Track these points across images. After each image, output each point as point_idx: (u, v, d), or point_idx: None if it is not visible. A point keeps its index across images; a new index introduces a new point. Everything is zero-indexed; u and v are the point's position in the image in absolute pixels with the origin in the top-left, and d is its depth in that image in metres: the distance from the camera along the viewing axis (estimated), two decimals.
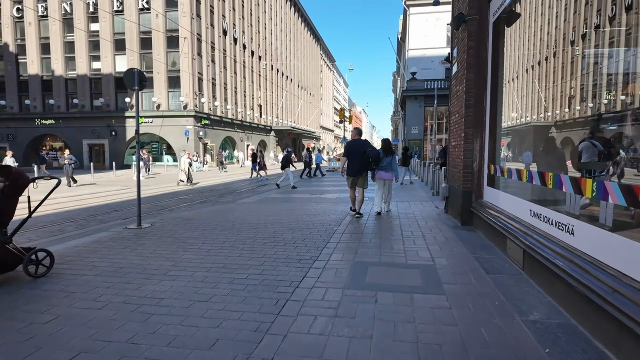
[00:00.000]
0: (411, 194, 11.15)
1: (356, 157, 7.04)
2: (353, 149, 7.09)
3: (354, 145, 7.13)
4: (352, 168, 7.13)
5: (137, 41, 30.35)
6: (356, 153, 7.05)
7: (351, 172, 7.19)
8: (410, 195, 10.96)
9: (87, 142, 31.72)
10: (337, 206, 8.92)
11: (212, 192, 14.01)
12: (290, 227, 6.21)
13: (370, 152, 7.03)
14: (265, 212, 8.01)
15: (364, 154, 6.99)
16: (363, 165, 7.05)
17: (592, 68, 3.73)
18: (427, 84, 27.90)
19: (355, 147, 7.08)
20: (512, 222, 4.31)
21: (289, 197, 10.99)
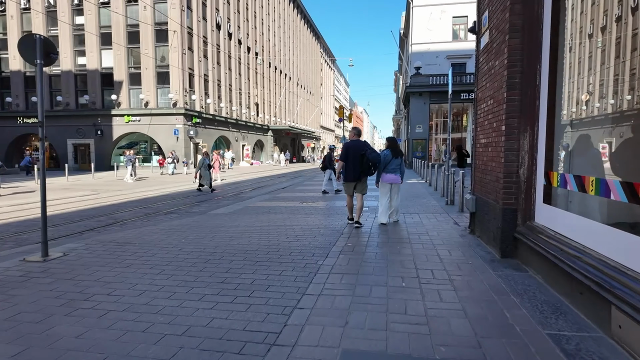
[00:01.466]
0: (420, 203, 9.31)
1: (355, 160, 6.21)
2: (352, 151, 6.23)
3: (352, 147, 6.26)
4: (351, 172, 6.28)
5: (124, 35, 28.61)
6: (355, 156, 6.20)
7: (349, 177, 6.32)
8: (420, 204, 9.13)
9: (72, 142, 29.99)
10: (330, 220, 7.09)
11: (188, 198, 12.20)
12: (257, 260, 4.39)
13: (370, 155, 6.14)
14: (234, 231, 6.19)
15: (364, 157, 6.16)
16: (363, 169, 6.22)
17: None
18: (433, 79, 26.04)
19: (354, 149, 6.23)
20: (618, 275, 2.47)
21: (273, 207, 9.17)
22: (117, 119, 28.99)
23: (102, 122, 29.19)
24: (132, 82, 29.13)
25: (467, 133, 26.83)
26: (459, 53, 30.26)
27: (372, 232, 6.00)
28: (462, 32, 30.94)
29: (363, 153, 6.13)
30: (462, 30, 30.95)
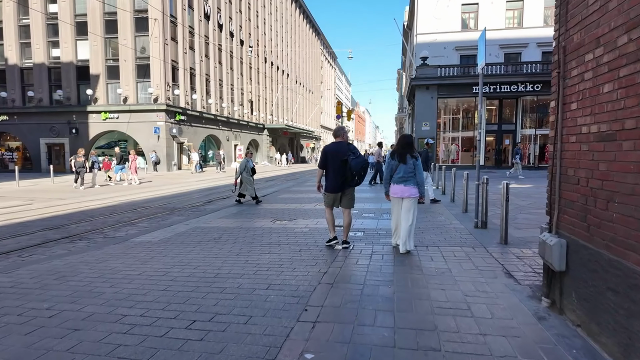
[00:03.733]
0: (436, 223, 6.64)
1: (336, 167, 4.99)
2: (331, 156, 5.04)
3: (332, 151, 5.07)
4: (332, 182, 5.07)
5: (101, 24, 26.06)
6: (336, 161, 4.99)
7: (330, 188, 5.09)
8: (436, 225, 6.46)
9: (45, 142, 27.47)
10: (298, 263, 4.42)
11: (136, 212, 9.55)
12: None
13: (353, 161, 4.82)
14: (140, 283, 3.57)
15: (346, 163, 4.87)
16: (345, 179, 4.96)
17: None
18: (442, 70, 23.32)
19: (335, 154, 5.02)
20: None
21: (230, 230, 6.53)
22: (94, 116, 26.43)
23: (78, 120, 26.64)
24: (109, 76, 26.58)
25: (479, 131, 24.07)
26: (469, 44, 27.49)
27: (367, 282, 3.33)
28: (472, 21, 28.25)
29: (345, 158, 4.82)
30: (472, 19, 28.26)
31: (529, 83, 22.17)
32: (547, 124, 24.69)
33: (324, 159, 5.03)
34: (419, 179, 4.77)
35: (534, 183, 14.02)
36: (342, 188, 4.97)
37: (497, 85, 22.64)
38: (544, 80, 21.95)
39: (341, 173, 4.86)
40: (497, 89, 22.72)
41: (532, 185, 13.12)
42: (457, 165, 22.79)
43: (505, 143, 23.84)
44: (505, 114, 24.19)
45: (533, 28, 26.59)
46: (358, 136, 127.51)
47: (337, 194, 5.02)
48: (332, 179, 4.97)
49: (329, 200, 5.09)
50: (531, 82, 22.17)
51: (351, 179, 4.89)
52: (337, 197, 5.04)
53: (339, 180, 4.91)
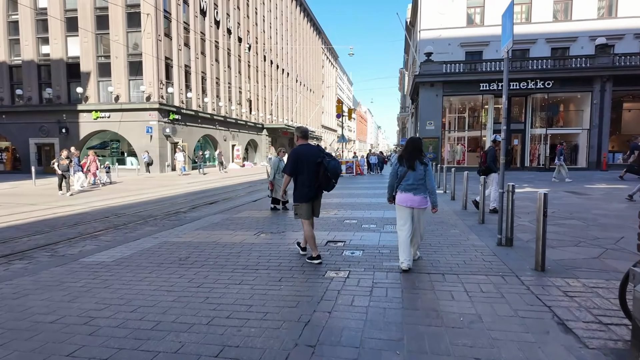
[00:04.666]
0: (450, 239, 5.55)
1: (311, 171, 4.34)
2: (305, 159, 4.35)
3: (304, 154, 4.38)
4: (306, 188, 4.38)
5: (91, 19, 25.05)
6: (310, 165, 4.34)
7: (306, 196, 4.39)
8: (450, 242, 5.36)
9: (35, 142, 26.46)
10: (287, 290, 3.32)
11: (105, 221, 8.49)
12: None
13: (330, 164, 4.30)
14: (42, 340, 2.47)
15: (321, 166, 4.29)
16: (321, 183, 4.38)
17: None
18: (447, 66, 22.17)
19: (308, 156, 4.36)
20: None
21: (204, 245, 5.45)
22: (85, 115, 25.42)
23: (68, 119, 25.62)
24: (101, 73, 25.57)
25: (486, 131, 22.95)
26: (475, 40, 26.40)
27: (365, 341, 2.24)
28: (478, 16, 27.09)
29: (320, 161, 4.36)
30: (478, 14, 27.10)
31: (540, 80, 20.99)
32: (557, 123, 23.53)
33: (295, 163, 4.38)
34: (429, 187, 4.24)
35: (554, 186, 12.88)
36: (317, 195, 4.51)
37: None
38: (555, 76, 20.79)
39: (316, 178, 4.35)
40: None
41: (551, 189, 11.98)
42: (462, 166, 21.66)
43: (513, 143, 22.66)
44: (514, 112, 23.02)
45: (542, 23, 25.41)
46: (360, 136, 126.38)
47: (311, 202, 4.48)
48: (307, 186, 4.39)
49: (306, 210, 4.46)
50: (542, 79, 20.99)
51: (327, 184, 4.39)
52: (312, 206, 4.51)
53: (314, 186, 4.39)
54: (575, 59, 20.99)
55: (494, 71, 21.59)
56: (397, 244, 5.20)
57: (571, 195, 10.59)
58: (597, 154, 20.53)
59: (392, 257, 4.67)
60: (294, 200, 4.52)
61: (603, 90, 20.33)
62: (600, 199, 9.76)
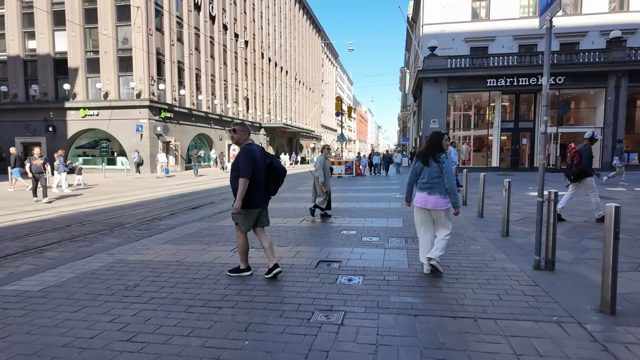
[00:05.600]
0: (473, 261, 4.42)
1: (261, 173, 3.85)
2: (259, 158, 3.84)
3: (258, 153, 3.86)
4: (258, 193, 3.84)
5: (79, 12, 23.94)
6: (260, 166, 3.83)
7: (256, 201, 3.85)
8: (474, 264, 4.23)
9: (21, 141, 25.31)
10: (254, 344, 2.20)
11: (63, 230, 7.37)
12: None
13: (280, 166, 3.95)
14: None
15: (271, 167, 3.89)
16: (272, 187, 3.96)
17: None
18: (452, 61, 21.04)
19: (260, 157, 3.86)
20: None
21: (169, 266, 4.34)
22: (72, 113, 24.32)
23: (55, 117, 24.52)
24: (89, 69, 24.46)
25: (493, 129, 21.82)
26: (480, 35, 25.34)
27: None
28: (483, 10, 26.00)
29: (269, 162, 3.85)
30: (483, 8, 26.00)
31: (550, 75, 19.84)
32: (568, 121, 22.40)
33: (252, 161, 3.72)
34: (447, 186, 3.82)
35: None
36: (266, 200, 3.96)
37: (514, 78, 20.36)
38: (567, 72, 19.68)
39: (264, 181, 3.86)
40: (514, 81, 20.43)
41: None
42: (468, 167, 20.54)
43: (522, 142, 21.54)
44: (522, 110, 21.90)
45: None
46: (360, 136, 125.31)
47: (259, 209, 3.92)
48: (260, 189, 3.85)
49: (250, 219, 3.86)
50: (552, 75, 19.85)
51: (275, 188, 3.96)
52: (258, 213, 3.92)
53: (262, 190, 3.86)
54: (588, 53, 19.88)
55: (501, 66, 20.47)
56: (407, 265, 4.16)
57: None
58: (612, 154, 19.38)
59: (401, 288, 3.56)
60: (242, 206, 3.71)
61: (618, 86, 19.21)
62: (633, 203, 8.64)
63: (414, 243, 5.28)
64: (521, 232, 5.98)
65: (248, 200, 3.72)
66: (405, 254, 4.76)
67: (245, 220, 3.84)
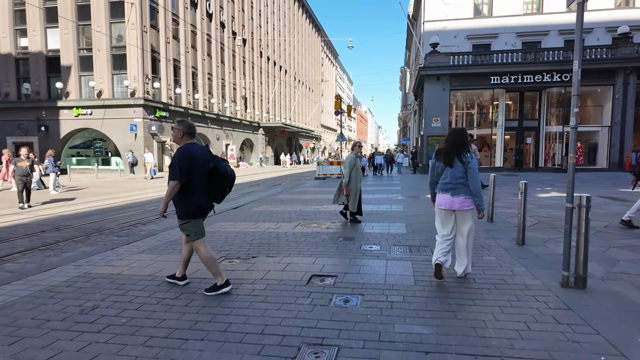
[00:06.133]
0: (488, 275, 3.83)
1: (202, 177, 3.43)
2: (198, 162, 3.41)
3: (200, 155, 3.44)
4: (201, 201, 3.47)
5: (72, 8, 23.38)
6: (201, 170, 3.42)
7: (200, 209, 3.50)
8: (489, 278, 3.64)
9: (13, 140, 24.71)
10: None
11: (35, 237, 6.79)
12: None
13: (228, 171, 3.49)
14: None
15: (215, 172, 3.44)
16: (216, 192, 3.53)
17: None
18: (455, 58, 20.46)
19: (201, 160, 3.43)
20: None
21: (139, 282, 3.75)
22: (65, 112, 23.77)
23: (48, 116, 23.96)
24: (82, 67, 23.90)
25: (497, 128, 21.23)
26: (483, 32, 24.74)
27: None
28: (486, 6, 25.40)
29: (214, 166, 3.40)
30: (486, 4, 25.40)
31: (556, 72, 19.28)
32: None
33: (189, 164, 3.31)
34: (473, 188, 3.60)
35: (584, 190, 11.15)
36: (210, 207, 3.61)
37: (518, 76, 19.76)
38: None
39: (206, 185, 3.45)
40: (518, 79, 19.84)
41: None
42: None
43: (526, 142, 20.96)
44: (527, 108, 21.31)
45: (554, 14, 23.73)
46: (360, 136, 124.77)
47: (204, 217, 3.61)
48: (200, 196, 3.44)
49: (200, 227, 3.50)
50: (558, 72, 19.29)
51: (222, 195, 3.54)
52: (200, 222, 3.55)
53: (207, 198, 3.51)
54: (595, 49, 19.28)
55: (505, 63, 19.88)
56: (413, 281, 3.61)
57: (610, 202, 8.91)
58: (620, 154, 18.81)
59: (407, 312, 2.97)
60: (181, 216, 3.40)
61: (626, 84, 18.62)
62: None
63: (419, 253, 4.70)
64: (538, 239, 5.40)
65: (188, 208, 3.40)
66: (410, 266, 4.17)
67: (198, 229, 3.47)
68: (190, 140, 3.50)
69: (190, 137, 3.52)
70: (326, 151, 72.09)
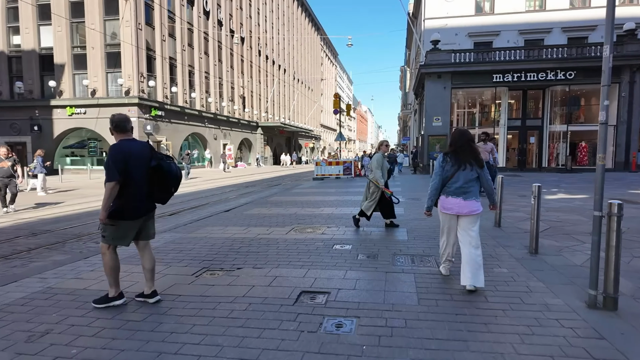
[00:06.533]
0: (501, 291, 3.36)
1: (141, 177, 3.09)
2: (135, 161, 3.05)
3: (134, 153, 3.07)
4: (135, 201, 3.10)
5: (66, 5, 22.91)
6: (139, 169, 3.06)
7: (133, 211, 3.11)
8: (502, 295, 3.17)
9: (5, 140, 24.16)
10: None
11: (5, 244, 6.33)
12: None
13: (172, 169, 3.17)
14: None
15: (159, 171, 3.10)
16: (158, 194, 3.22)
17: None
18: (457, 56, 19.99)
19: (138, 157, 3.07)
20: None
21: (104, 306, 3.25)
22: (59, 111, 23.30)
23: (41, 116, 23.49)
24: (76, 66, 23.43)
25: (499, 128, 20.77)
26: (484, 29, 24.27)
27: None
28: (487, 4, 24.93)
29: (155, 165, 3.05)
30: (487, 1, 24.93)
31: (560, 70, 18.80)
32: (578, 119, 21.34)
33: (123, 163, 2.97)
34: (487, 188, 3.58)
35: (590, 191, 10.70)
36: (149, 209, 3.23)
37: (521, 73, 19.28)
38: (578, 66, 18.61)
39: (148, 187, 3.11)
40: (521, 77, 19.36)
41: (589, 196, 9.79)
42: None
43: (529, 141, 20.48)
44: (530, 107, 20.84)
45: (557, 11, 23.30)
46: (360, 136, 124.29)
47: (140, 220, 3.18)
48: (135, 196, 3.07)
49: (122, 233, 3.11)
50: (562, 69, 18.81)
51: (165, 195, 3.23)
52: (138, 225, 3.18)
53: (146, 199, 3.14)
54: (599, 46, 18.81)
55: (508, 60, 19.41)
56: (416, 300, 3.15)
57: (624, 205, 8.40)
58: (626, 153, 18.34)
59: (410, 341, 2.51)
60: (110, 215, 3.00)
61: (632, 82, 18.15)
62: None
63: (423, 264, 4.24)
64: (551, 247, 4.94)
65: (121, 209, 3.00)
66: (413, 280, 3.71)
67: (116, 233, 3.08)
68: (123, 137, 3.12)
69: (121, 132, 3.12)
70: (326, 151, 71.63)
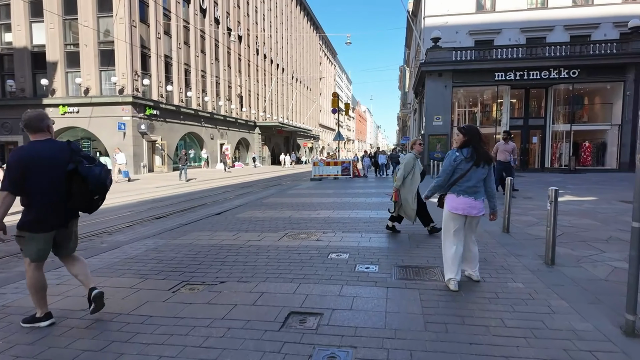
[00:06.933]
0: (517, 311, 2.91)
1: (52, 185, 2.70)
2: (38, 167, 2.64)
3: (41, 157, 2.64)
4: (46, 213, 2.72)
5: (58, 2, 22.42)
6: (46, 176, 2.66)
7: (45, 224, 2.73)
8: (519, 318, 2.72)
9: None
10: None
11: None
12: None
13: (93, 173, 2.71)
14: None
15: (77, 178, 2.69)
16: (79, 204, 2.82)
17: None
18: (457, 54, 19.56)
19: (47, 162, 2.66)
20: None
21: (70, 324, 2.80)
22: (51, 110, 22.73)
23: None
24: (69, 64, 22.95)
25: (501, 127, 20.34)
26: (485, 27, 23.85)
27: None
28: (489, 1, 24.51)
29: (73, 169, 2.64)
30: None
31: (563, 68, 18.38)
32: (581, 118, 20.94)
33: (22, 171, 2.57)
34: (490, 190, 3.47)
35: (601, 193, 10.27)
36: (67, 219, 2.81)
37: (524, 72, 18.86)
38: (582, 64, 18.19)
39: (62, 195, 2.70)
40: (524, 75, 18.94)
41: (598, 198, 9.36)
42: None
43: (532, 141, 20.07)
44: (532, 106, 20.42)
45: (560, 8, 22.90)
46: (359, 136, 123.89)
47: (53, 233, 2.76)
48: (43, 206, 2.67)
49: (38, 246, 2.71)
50: (566, 67, 18.39)
51: (88, 204, 2.77)
52: (51, 238, 2.77)
53: (60, 208, 2.72)
54: (604, 44, 18.40)
55: (510, 58, 18.99)
56: (422, 325, 2.68)
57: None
58: (631, 154, 17.93)
59: None
60: (19, 225, 2.70)
61: (638, 80, 17.74)
62: None
63: (428, 277, 3.79)
64: (569, 257, 4.49)
65: (30, 220, 2.66)
66: (418, 298, 3.26)
67: (31, 247, 2.71)
68: (38, 137, 2.69)
69: (34, 132, 2.68)
70: (324, 151, 71.19)
